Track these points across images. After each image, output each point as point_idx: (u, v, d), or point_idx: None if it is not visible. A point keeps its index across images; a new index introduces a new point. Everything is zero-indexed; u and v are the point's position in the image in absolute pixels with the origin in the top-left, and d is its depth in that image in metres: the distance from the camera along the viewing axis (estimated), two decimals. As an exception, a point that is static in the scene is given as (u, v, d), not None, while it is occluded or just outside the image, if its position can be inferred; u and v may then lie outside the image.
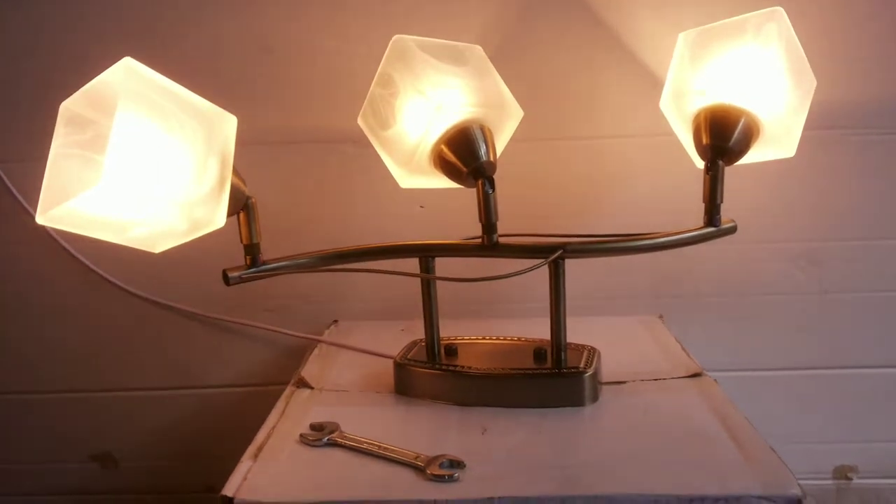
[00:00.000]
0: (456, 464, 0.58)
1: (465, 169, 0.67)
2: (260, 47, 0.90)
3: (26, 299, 0.99)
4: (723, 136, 0.69)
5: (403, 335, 0.85)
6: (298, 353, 0.93)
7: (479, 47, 0.70)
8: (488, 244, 0.69)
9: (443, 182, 0.71)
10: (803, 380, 0.99)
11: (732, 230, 0.72)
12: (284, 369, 0.98)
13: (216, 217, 0.59)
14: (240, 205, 0.65)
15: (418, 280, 0.74)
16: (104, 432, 1.03)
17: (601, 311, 0.96)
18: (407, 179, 0.71)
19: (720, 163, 0.69)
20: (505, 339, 0.77)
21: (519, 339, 0.77)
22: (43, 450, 1.05)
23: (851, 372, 0.99)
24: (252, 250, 0.67)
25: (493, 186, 0.68)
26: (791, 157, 0.72)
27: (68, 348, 1.00)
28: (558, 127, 0.92)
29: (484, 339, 0.78)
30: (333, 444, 0.62)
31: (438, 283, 0.74)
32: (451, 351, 0.74)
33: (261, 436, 0.65)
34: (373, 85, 0.69)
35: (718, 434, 0.63)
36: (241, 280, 0.67)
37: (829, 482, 1.02)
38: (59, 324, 0.99)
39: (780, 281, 0.96)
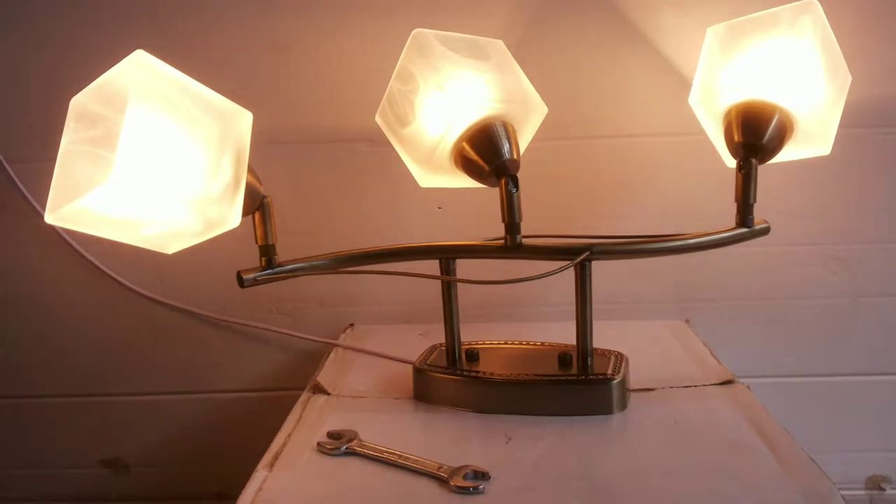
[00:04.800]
0: (480, 475, 0.55)
1: (487, 167, 0.65)
2: (274, 45, 0.89)
3: (36, 302, 0.97)
4: (756, 134, 0.66)
5: (422, 340, 0.83)
6: (314, 357, 0.91)
7: (500, 42, 0.67)
8: (512, 245, 0.66)
9: (463, 181, 0.69)
10: (835, 387, 0.96)
11: (765, 231, 0.69)
12: (299, 374, 0.96)
13: (231, 216, 0.57)
14: (255, 204, 0.62)
15: (437, 283, 0.72)
16: (115, 437, 1.01)
17: (626, 315, 0.94)
18: (426, 179, 0.69)
19: (753, 161, 0.67)
20: (528, 344, 0.75)
21: (542, 344, 0.74)
22: (54, 455, 1.03)
23: (885, 378, 0.95)
24: (267, 251, 0.65)
25: (516, 185, 0.65)
26: (823, 157, 0.69)
27: (78, 352, 0.98)
28: (582, 126, 0.89)
29: (506, 343, 0.75)
30: (352, 453, 0.60)
31: (459, 285, 0.72)
32: (473, 356, 0.72)
33: (276, 443, 0.62)
34: (392, 81, 0.67)
35: (754, 443, 0.60)
36: (255, 282, 0.65)
37: (862, 492, 0.99)
38: (69, 327, 0.97)
39: (811, 284, 0.93)
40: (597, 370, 0.67)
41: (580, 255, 0.65)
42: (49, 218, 0.54)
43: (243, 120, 0.59)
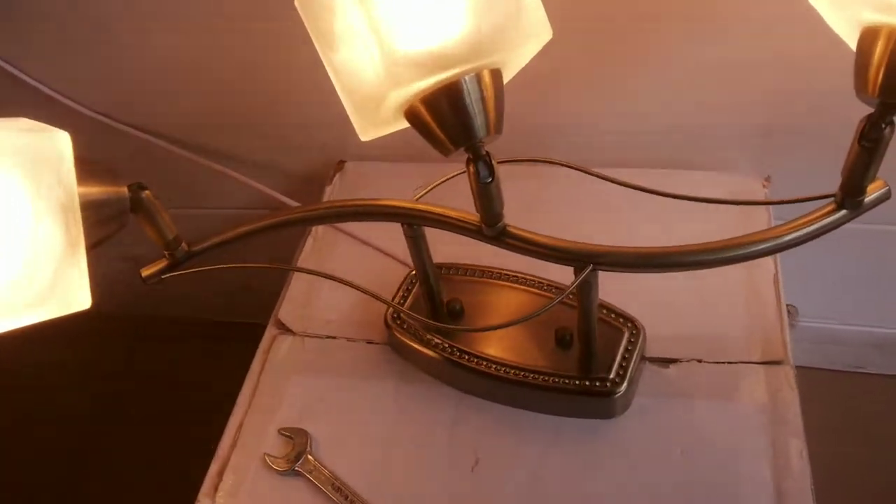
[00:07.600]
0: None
1: (453, 147, 0.43)
2: None
3: None
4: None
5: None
6: (310, 179, 0.79)
7: None
8: (492, 235, 0.48)
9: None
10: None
11: (884, 198, 0.46)
12: (294, 195, 0.85)
13: (76, 302, 0.41)
14: (124, 217, 0.45)
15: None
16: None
17: (692, 152, 0.71)
18: (368, 131, 0.47)
19: (886, 130, 0.41)
20: (521, 287, 0.59)
21: (541, 290, 0.58)
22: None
23: None
24: (170, 246, 0.50)
25: (491, 173, 0.43)
26: None
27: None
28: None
29: (496, 282, 0.60)
30: (299, 474, 0.54)
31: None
32: (455, 311, 0.58)
33: (226, 441, 0.57)
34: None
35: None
36: (161, 281, 0.51)
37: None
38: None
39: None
40: (598, 367, 0.53)
41: (581, 270, 0.46)
42: None
43: (59, 146, 0.39)
